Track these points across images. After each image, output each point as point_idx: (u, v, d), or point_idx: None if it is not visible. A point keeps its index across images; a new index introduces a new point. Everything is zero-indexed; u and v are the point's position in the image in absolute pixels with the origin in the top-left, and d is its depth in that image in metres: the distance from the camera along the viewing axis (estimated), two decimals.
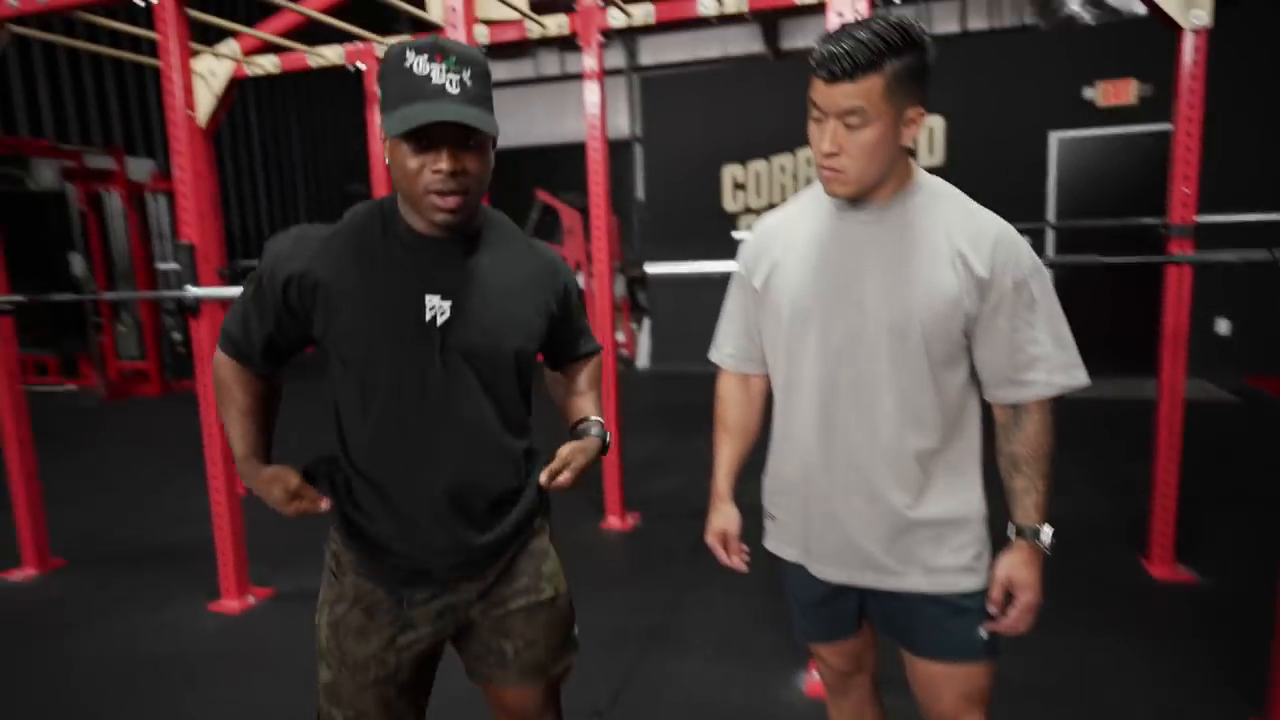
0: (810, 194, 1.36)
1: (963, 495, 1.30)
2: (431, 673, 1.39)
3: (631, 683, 2.43)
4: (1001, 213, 1.25)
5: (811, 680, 2.35)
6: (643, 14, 3.44)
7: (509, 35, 3.67)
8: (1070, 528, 3.47)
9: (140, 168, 8.23)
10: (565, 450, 1.29)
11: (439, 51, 1.08)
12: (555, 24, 3.60)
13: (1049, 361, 1.23)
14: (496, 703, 1.41)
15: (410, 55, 1.08)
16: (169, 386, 7.53)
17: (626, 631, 2.74)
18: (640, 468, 4.54)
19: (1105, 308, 6.62)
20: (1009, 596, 1.25)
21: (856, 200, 1.24)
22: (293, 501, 1.22)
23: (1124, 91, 6.40)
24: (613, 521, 3.76)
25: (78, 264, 7.50)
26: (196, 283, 2.82)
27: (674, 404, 6.34)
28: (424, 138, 1.09)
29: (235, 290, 3.11)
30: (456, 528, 1.25)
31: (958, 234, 1.21)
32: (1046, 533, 1.24)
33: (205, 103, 4.06)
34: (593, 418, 1.41)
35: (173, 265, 7.41)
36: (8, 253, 3.22)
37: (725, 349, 1.48)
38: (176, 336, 7.50)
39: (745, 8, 3.26)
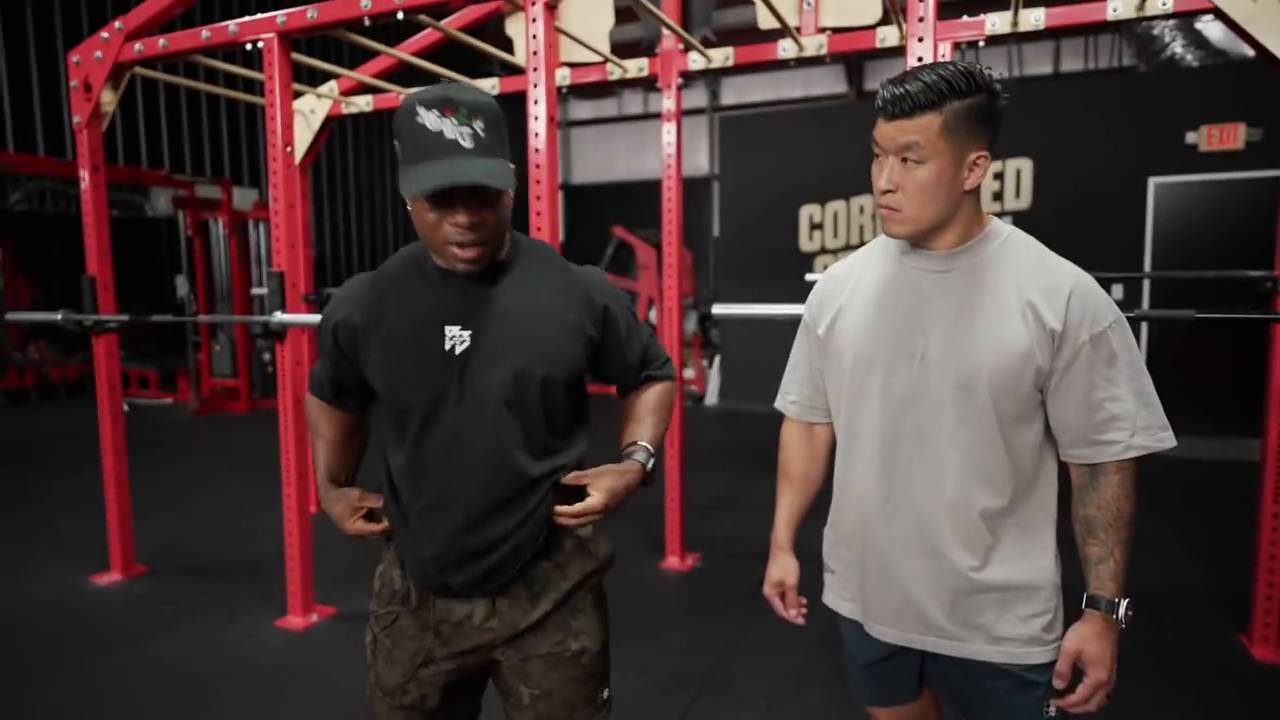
0: (879, 242, 1.33)
1: (1034, 560, 1.22)
2: (472, 699, 1.41)
3: None
4: (1095, 261, 1.20)
5: None
6: (722, 57, 3.48)
7: (591, 77, 3.77)
8: (1163, 597, 3.24)
9: (245, 198, 8.77)
10: (594, 470, 1.26)
11: (448, 105, 1.08)
12: (636, 67, 3.67)
13: (1131, 421, 1.15)
14: None
15: (421, 111, 1.09)
16: (255, 404, 7.91)
17: (680, 676, 2.68)
18: (704, 507, 4.48)
19: (1207, 363, 6.24)
20: (1078, 673, 1.17)
21: (921, 246, 1.21)
22: (354, 519, 1.32)
23: (1231, 136, 6.08)
24: (672, 561, 3.71)
25: (182, 286, 8.01)
26: (284, 309, 2.96)
27: (741, 443, 6.26)
28: (440, 195, 1.10)
29: (318, 317, 3.25)
30: (472, 551, 1.24)
31: (1029, 284, 1.16)
32: (1123, 605, 1.15)
33: (303, 138, 4.30)
34: (640, 442, 1.34)
35: (265, 291, 7.84)
36: (124, 273, 3.47)
37: (789, 396, 1.46)
38: (267, 357, 7.89)
39: (825, 50, 3.26)
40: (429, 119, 1.08)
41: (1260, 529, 2.73)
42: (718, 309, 2.39)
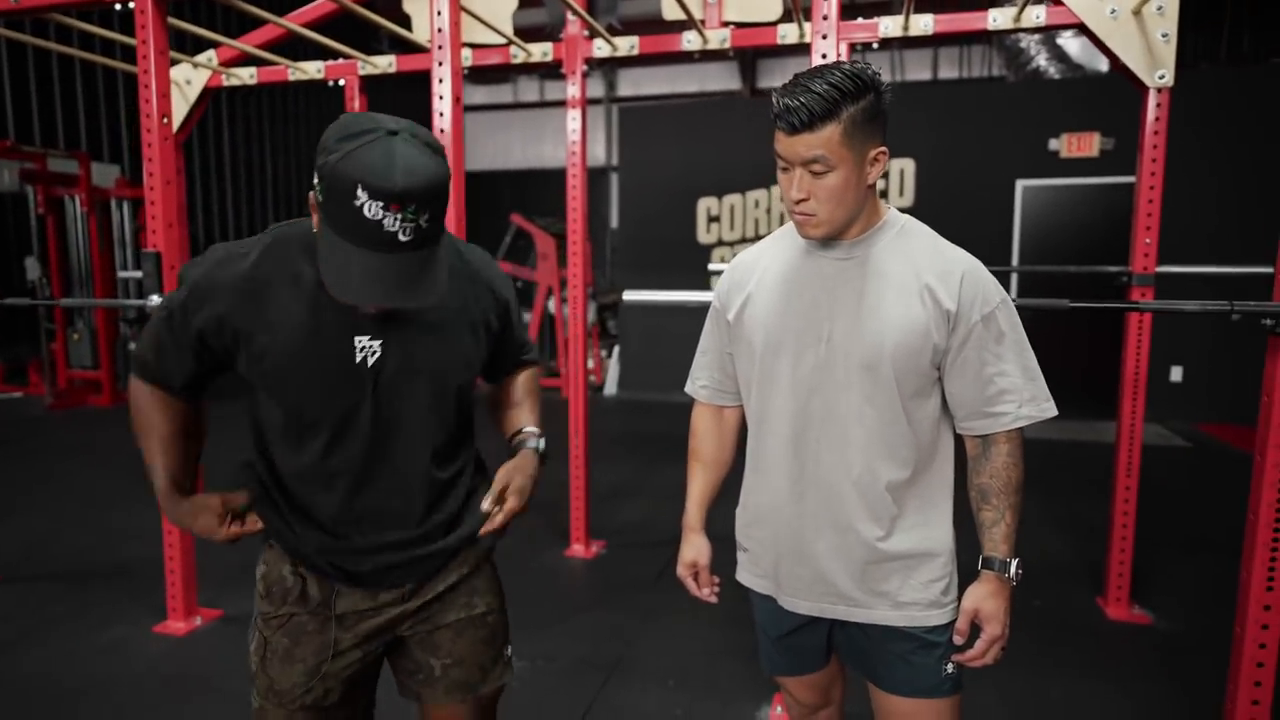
0: (785, 230, 1.38)
1: (934, 529, 1.30)
2: (370, 689, 1.37)
3: (591, 714, 2.38)
4: (971, 252, 1.28)
5: (775, 714, 2.33)
6: (627, 45, 3.48)
7: (493, 59, 3.69)
8: (1029, 567, 3.49)
9: (105, 174, 8.06)
10: (502, 474, 1.27)
11: (398, 201, 0.95)
12: (540, 51, 3.62)
13: (1018, 394, 1.25)
14: None
15: (362, 195, 0.95)
16: (121, 397, 7.31)
17: (588, 661, 2.69)
18: (606, 496, 4.50)
19: (1067, 352, 6.79)
20: (975, 630, 1.26)
21: (829, 239, 1.26)
22: (225, 526, 1.21)
23: (1087, 144, 6.63)
24: (577, 549, 3.71)
25: (33, 269, 7.29)
26: (161, 291, 2.75)
27: (641, 432, 6.33)
28: None
29: None
30: (386, 551, 1.24)
31: (926, 269, 1.23)
32: (1014, 565, 1.25)
33: (179, 111, 4.00)
34: (527, 428, 1.37)
35: (134, 273, 7.25)
36: None
37: (699, 381, 1.49)
38: (133, 346, 7.31)
39: (728, 44, 3.32)
40: (370, 207, 0.95)
41: (1114, 502, 3.01)
42: (629, 295, 2.40)
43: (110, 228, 7.53)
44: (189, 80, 4.01)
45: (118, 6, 2.72)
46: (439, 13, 2.39)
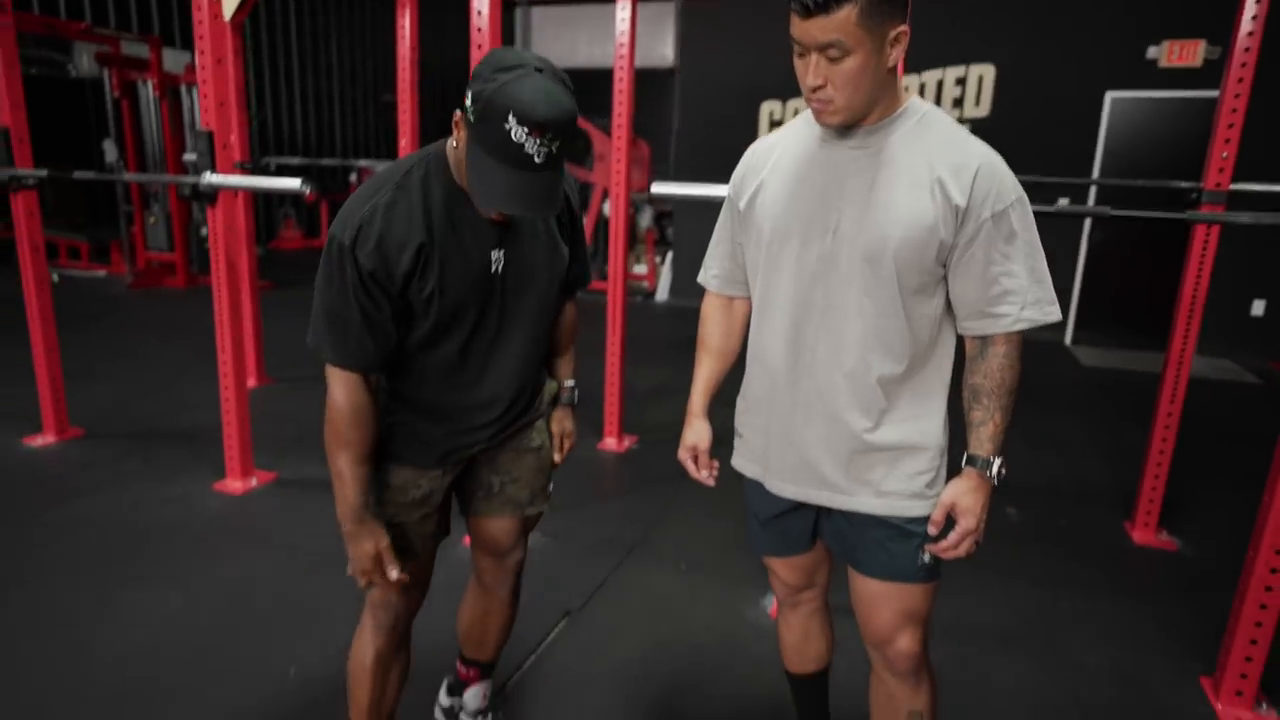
0: (803, 117, 1.34)
1: (923, 423, 1.31)
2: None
3: (605, 587, 2.52)
4: (1046, 170, 1.22)
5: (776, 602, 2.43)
6: None
7: None
8: (1063, 489, 3.49)
9: (177, 60, 8.21)
10: (556, 423, 1.64)
11: (539, 129, 1.12)
12: None
13: (1022, 295, 1.22)
14: (480, 535, 1.61)
15: (512, 121, 1.12)
16: (194, 280, 7.67)
17: (608, 542, 2.82)
18: (645, 395, 4.60)
19: (1140, 276, 6.48)
20: (951, 522, 1.28)
21: (847, 126, 1.23)
22: (374, 568, 1.36)
23: (1191, 52, 6.09)
24: (609, 443, 3.83)
25: (110, 151, 7.58)
26: (214, 170, 2.85)
27: (687, 338, 6.30)
28: None
29: (254, 180, 3.14)
30: (498, 422, 1.48)
31: (939, 161, 1.19)
32: (996, 463, 1.25)
33: None
34: (566, 384, 1.66)
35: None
36: (47, 136, 3.28)
37: (710, 270, 1.50)
38: (204, 232, 7.61)
39: None
40: (517, 131, 1.12)
41: (1154, 424, 2.93)
42: (656, 187, 2.39)
43: (181, 113, 7.72)
44: None
45: None
46: None
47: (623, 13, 3.47)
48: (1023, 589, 2.59)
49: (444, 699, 1.82)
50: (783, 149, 1.33)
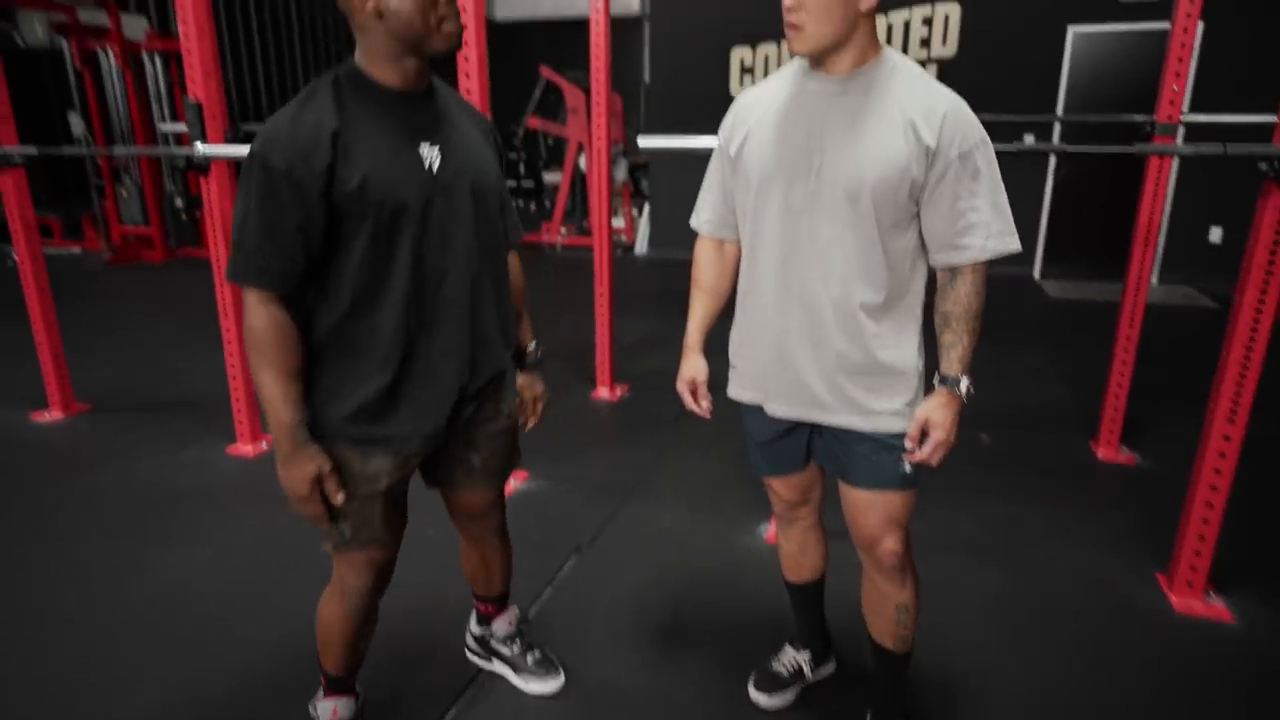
0: (787, 69, 1.47)
1: (902, 349, 1.46)
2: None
3: (611, 524, 2.70)
4: (1011, 107, 1.35)
5: (771, 530, 2.62)
6: None
7: None
8: (1031, 413, 3.71)
9: (134, 26, 8.01)
10: (524, 386, 1.66)
11: None
12: None
13: (986, 228, 1.36)
14: (458, 504, 1.68)
15: None
16: (172, 253, 7.63)
17: (609, 485, 2.99)
18: (632, 346, 4.74)
19: (1097, 208, 6.67)
20: (925, 435, 1.44)
21: (821, 69, 1.35)
22: (314, 495, 1.34)
23: None
24: (602, 392, 3.98)
25: (76, 124, 7.44)
26: (206, 140, 2.90)
27: (670, 289, 6.47)
28: None
29: (244, 149, 3.19)
30: (471, 378, 1.46)
31: (911, 106, 1.32)
32: (965, 382, 1.41)
33: None
34: (530, 347, 1.67)
35: (173, 127, 7.36)
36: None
37: (703, 215, 1.63)
38: (179, 203, 7.54)
39: None
40: None
41: (1115, 348, 3.13)
42: (643, 140, 2.49)
43: (145, 81, 7.57)
44: None
45: None
46: None
47: None
48: (994, 505, 2.81)
49: (474, 627, 1.98)
50: (769, 99, 1.46)
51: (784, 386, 1.51)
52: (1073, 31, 6.40)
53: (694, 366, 1.65)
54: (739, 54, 7.38)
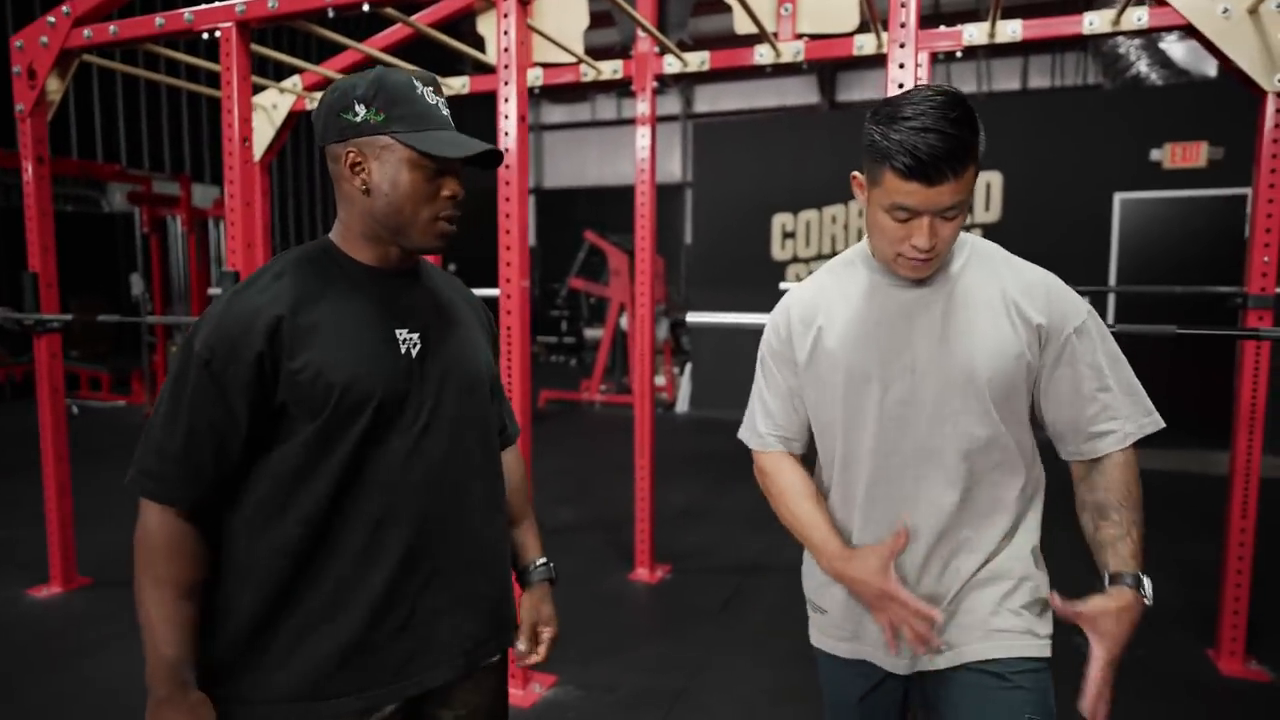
0: (841, 261, 1.29)
1: (1024, 552, 1.23)
2: None
3: None
4: (1062, 274, 1.22)
5: None
6: (698, 61, 3.43)
7: (564, 78, 3.69)
8: None
9: (206, 195, 8.54)
10: (528, 610, 1.30)
11: (434, 84, 1.12)
12: (610, 69, 3.61)
13: (1122, 409, 1.16)
14: None
15: (418, 85, 1.11)
16: None
17: (650, 693, 2.60)
18: (674, 517, 4.41)
19: (1173, 375, 6.33)
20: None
21: None
22: None
23: (1194, 153, 6.20)
24: (641, 573, 3.63)
25: (137, 285, 7.75)
26: None
27: (711, 451, 6.21)
28: (439, 164, 1.09)
29: None
30: (472, 587, 1.16)
31: (1010, 287, 1.17)
32: (1148, 583, 1.11)
33: (264, 134, 4.16)
34: (537, 563, 1.33)
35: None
36: (78, 270, 3.31)
37: (772, 432, 1.32)
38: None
39: (801, 57, 3.22)
40: (426, 93, 1.10)
41: (1227, 544, 2.74)
42: (691, 317, 2.34)
43: (208, 246, 7.94)
44: (275, 105, 4.17)
45: (206, 35, 2.83)
46: (505, 33, 2.39)
47: (643, 140, 3.53)
48: None
49: None
50: (833, 296, 1.25)
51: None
52: (1119, 198, 6.38)
53: (868, 568, 1.16)
54: (780, 220, 7.50)
